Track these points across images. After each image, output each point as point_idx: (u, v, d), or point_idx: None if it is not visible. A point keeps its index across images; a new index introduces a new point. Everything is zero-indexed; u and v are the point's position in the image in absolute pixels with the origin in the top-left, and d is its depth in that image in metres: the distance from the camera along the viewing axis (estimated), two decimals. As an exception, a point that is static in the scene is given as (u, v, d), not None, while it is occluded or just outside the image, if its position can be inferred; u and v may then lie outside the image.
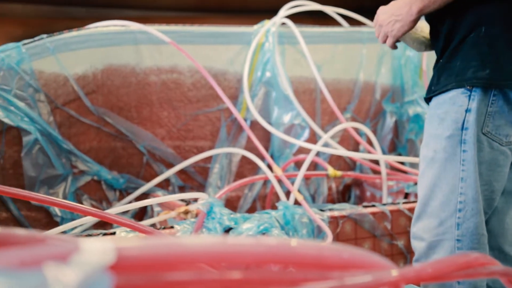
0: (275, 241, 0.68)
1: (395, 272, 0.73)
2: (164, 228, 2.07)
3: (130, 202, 2.72)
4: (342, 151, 2.81)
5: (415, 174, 2.76)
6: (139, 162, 2.87)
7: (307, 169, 2.61)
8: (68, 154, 2.63)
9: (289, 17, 3.06)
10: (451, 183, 1.66)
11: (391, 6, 1.73)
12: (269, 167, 2.66)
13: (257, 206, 3.04)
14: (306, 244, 0.70)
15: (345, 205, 2.37)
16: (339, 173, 2.78)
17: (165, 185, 2.91)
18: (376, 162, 2.95)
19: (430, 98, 1.74)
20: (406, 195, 2.88)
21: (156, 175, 2.88)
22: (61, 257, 0.54)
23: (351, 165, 3.30)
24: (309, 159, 2.62)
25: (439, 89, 1.69)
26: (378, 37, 1.79)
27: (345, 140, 3.24)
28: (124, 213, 2.66)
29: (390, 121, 3.36)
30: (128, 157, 2.85)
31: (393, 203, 2.45)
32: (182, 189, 2.96)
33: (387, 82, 3.35)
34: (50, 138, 2.54)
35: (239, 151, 2.79)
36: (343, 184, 3.28)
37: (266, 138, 3.03)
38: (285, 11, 3.07)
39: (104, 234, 1.98)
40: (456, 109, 1.65)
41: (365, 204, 2.42)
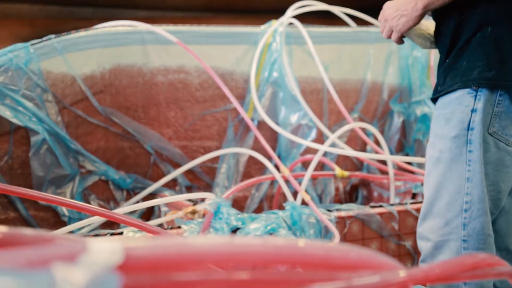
0: (283, 241, 0.68)
1: (403, 273, 0.73)
2: (171, 228, 2.07)
3: (138, 202, 2.73)
4: (349, 151, 2.81)
5: (422, 175, 2.75)
6: (146, 162, 2.88)
7: (314, 169, 2.61)
8: (76, 154, 2.63)
9: (297, 17, 3.06)
10: (457, 183, 1.66)
11: (397, 1, 1.74)
12: (276, 167, 2.66)
13: (264, 206, 3.03)
14: (314, 244, 0.70)
15: (352, 206, 2.37)
16: (346, 173, 2.77)
17: (172, 185, 2.91)
18: (383, 162, 2.95)
19: (437, 98, 1.73)
20: (414, 196, 2.87)
21: (163, 175, 2.88)
22: (69, 257, 0.55)
23: (358, 165, 3.30)
24: (316, 159, 2.61)
25: (445, 89, 1.69)
26: (383, 32, 1.80)
27: (352, 140, 3.23)
28: (131, 213, 2.66)
29: (397, 121, 3.35)
30: (135, 157, 2.85)
31: (400, 204, 2.44)
32: (189, 189, 2.96)
33: (394, 82, 3.34)
34: (57, 138, 2.54)
35: (246, 151, 2.79)
36: (350, 184, 3.28)
37: (273, 138, 3.03)
38: (292, 11, 3.06)
39: (111, 234, 1.99)
40: (462, 109, 1.64)
41: (372, 204, 2.42)
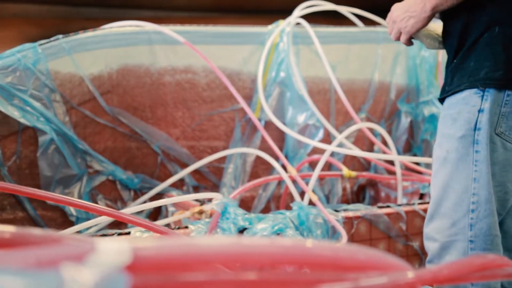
0: (291, 241, 0.67)
1: (411, 274, 0.72)
2: (178, 228, 2.07)
3: (145, 202, 2.73)
4: (357, 152, 2.80)
5: (430, 175, 2.74)
6: (153, 162, 2.88)
7: (321, 169, 2.60)
8: (83, 154, 2.64)
9: (304, 17, 3.05)
10: (463, 183, 1.65)
11: (405, 3, 1.73)
12: (284, 167, 2.65)
13: (271, 206, 3.03)
14: (322, 245, 0.70)
15: (359, 206, 2.37)
16: (353, 173, 2.77)
17: (179, 185, 2.91)
18: (391, 162, 2.94)
19: (444, 98, 1.73)
20: (421, 196, 2.86)
21: (170, 175, 2.88)
22: (77, 257, 0.55)
23: (365, 165, 3.29)
24: (323, 159, 2.61)
25: (452, 89, 1.68)
26: (391, 33, 1.79)
27: (360, 141, 3.23)
28: (139, 213, 2.67)
29: (405, 121, 3.34)
30: (143, 157, 2.85)
31: (408, 204, 2.43)
32: (196, 189, 2.96)
33: (402, 82, 3.34)
34: (65, 138, 2.55)
35: (253, 151, 2.79)
36: (357, 184, 3.27)
37: (281, 138, 3.03)
38: (299, 11, 3.06)
39: (119, 233, 1.99)
40: (469, 109, 1.64)
41: (380, 204, 2.41)
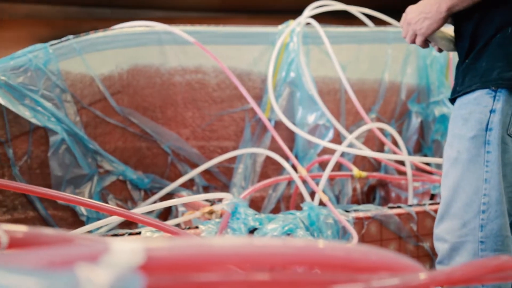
0: (303, 242, 0.67)
1: (424, 275, 0.72)
2: (189, 228, 2.08)
3: (155, 202, 2.74)
4: (367, 152, 2.80)
5: (440, 175, 2.73)
6: (164, 162, 2.88)
7: (331, 169, 2.60)
8: (94, 154, 2.65)
9: (314, 17, 3.05)
10: (474, 184, 1.65)
11: (420, 5, 1.72)
12: (294, 168, 2.65)
13: (282, 206, 3.03)
14: (334, 245, 0.70)
15: (370, 206, 2.36)
16: (364, 173, 2.76)
17: (189, 185, 2.91)
18: (401, 163, 2.93)
19: (455, 98, 1.72)
20: (432, 196, 2.85)
21: (180, 175, 2.89)
22: (91, 257, 0.55)
23: (376, 165, 3.28)
24: (334, 159, 2.60)
25: (464, 89, 1.67)
26: (406, 36, 1.77)
27: (370, 141, 3.22)
28: (149, 213, 2.67)
29: (415, 121, 3.33)
30: (153, 157, 2.86)
31: (419, 205, 2.42)
32: (206, 189, 2.96)
33: (412, 82, 3.32)
34: (76, 138, 2.56)
35: (263, 152, 2.78)
36: (367, 185, 3.26)
37: (291, 139, 3.02)
38: (309, 11, 3.06)
39: (129, 233, 1.99)
40: (480, 110, 1.63)
41: (390, 205, 2.41)
